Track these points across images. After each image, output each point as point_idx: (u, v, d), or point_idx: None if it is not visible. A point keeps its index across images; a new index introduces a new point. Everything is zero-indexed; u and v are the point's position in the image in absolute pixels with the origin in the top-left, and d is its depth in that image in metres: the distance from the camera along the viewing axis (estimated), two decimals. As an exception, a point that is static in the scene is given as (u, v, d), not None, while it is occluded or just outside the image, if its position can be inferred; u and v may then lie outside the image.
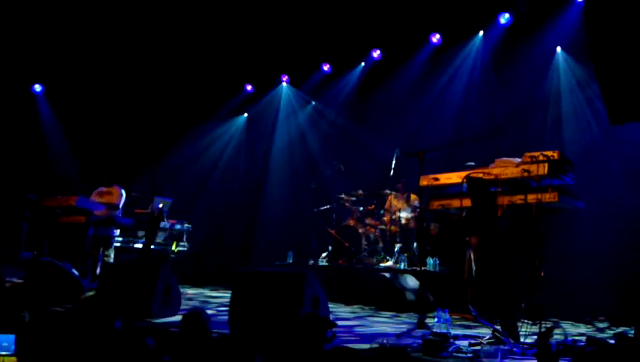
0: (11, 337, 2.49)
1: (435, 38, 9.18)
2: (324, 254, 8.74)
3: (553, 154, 4.18)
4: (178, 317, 4.87)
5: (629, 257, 6.50)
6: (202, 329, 2.98)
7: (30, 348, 2.49)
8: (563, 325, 5.28)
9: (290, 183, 10.67)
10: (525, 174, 4.19)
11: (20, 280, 5.92)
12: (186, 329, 2.98)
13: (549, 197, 4.14)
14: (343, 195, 8.86)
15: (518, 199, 4.25)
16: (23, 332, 2.54)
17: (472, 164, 5.72)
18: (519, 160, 4.42)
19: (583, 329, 5.59)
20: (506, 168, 4.33)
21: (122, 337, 2.83)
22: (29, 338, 2.55)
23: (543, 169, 4.13)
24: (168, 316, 4.94)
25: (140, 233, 8.57)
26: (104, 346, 2.61)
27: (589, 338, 3.31)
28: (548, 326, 3.62)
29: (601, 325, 5.89)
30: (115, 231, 7.68)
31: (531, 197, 4.16)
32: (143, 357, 2.63)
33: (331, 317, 4.23)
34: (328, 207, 9.08)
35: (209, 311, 4.03)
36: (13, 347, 2.46)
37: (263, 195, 10.93)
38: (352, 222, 8.56)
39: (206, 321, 3.04)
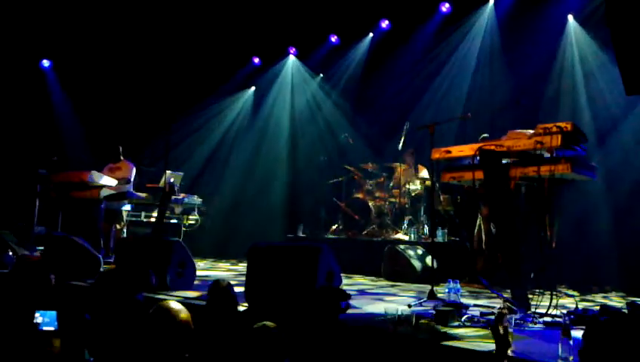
0: (53, 313, 2.54)
1: (445, 7, 9.03)
2: (333, 227, 8.80)
3: (566, 125, 4.16)
4: (194, 293, 4.97)
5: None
6: (230, 298, 3.13)
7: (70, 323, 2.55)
8: (570, 294, 5.37)
9: (298, 156, 10.67)
10: (538, 146, 4.18)
11: (35, 255, 6.01)
12: (214, 297, 3.13)
13: (562, 168, 4.15)
14: (351, 168, 8.86)
15: (530, 171, 4.25)
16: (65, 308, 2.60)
17: (487, 136, 5.72)
18: (532, 132, 4.41)
19: (590, 298, 5.65)
20: (519, 140, 4.33)
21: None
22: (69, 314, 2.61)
23: (557, 140, 4.11)
24: (183, 289, 5.03)
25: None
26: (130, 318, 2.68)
27: (603, 307, 3.35)
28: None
29: (609, 294, 5.95)
30: (126, 205, 7.77)
31: (544, 169, 4.16)
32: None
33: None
34: (337, 179, 9.10)
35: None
36: (56, 323, 2.51)
37: (271, 168, 10.94)
38: (361, 195, 8.58)
39: (232, 290, 3.17)
